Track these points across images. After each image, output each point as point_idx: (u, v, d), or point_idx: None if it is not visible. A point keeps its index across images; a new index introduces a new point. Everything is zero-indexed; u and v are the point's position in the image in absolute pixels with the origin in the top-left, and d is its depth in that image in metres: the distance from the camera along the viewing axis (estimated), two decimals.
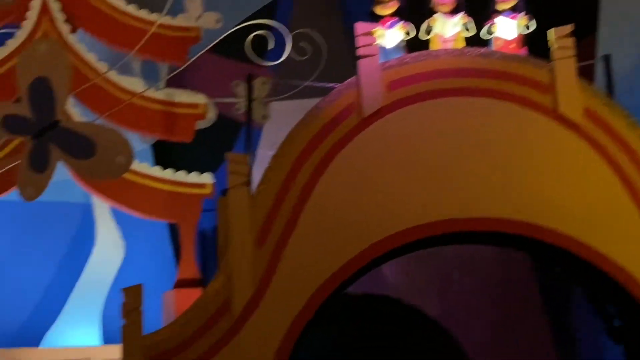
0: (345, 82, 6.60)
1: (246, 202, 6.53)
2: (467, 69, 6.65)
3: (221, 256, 6.46)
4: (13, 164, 6.86)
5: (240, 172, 6.55)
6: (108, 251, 8.67)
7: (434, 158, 6.56)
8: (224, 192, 6.67)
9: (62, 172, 7.56)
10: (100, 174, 6.71)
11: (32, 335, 8.50)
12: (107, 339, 8.43)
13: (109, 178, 7.18)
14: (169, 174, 8.43)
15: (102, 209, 8.78)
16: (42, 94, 6.65)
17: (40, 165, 6.64)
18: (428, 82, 6.63)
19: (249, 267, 6.46)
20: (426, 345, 9.14)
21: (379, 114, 6.54)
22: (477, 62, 6.65)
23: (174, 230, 9.31)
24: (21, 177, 6.63)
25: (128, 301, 6.40)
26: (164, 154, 8.95)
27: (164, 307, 8.06)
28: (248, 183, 6.51)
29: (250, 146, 7.45)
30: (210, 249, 8.76)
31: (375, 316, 9.04)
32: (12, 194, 8.17)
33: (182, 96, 8.48)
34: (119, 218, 8.78)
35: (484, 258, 9.27)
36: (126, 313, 6.36)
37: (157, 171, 8.34)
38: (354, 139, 6.60)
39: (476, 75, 6.67)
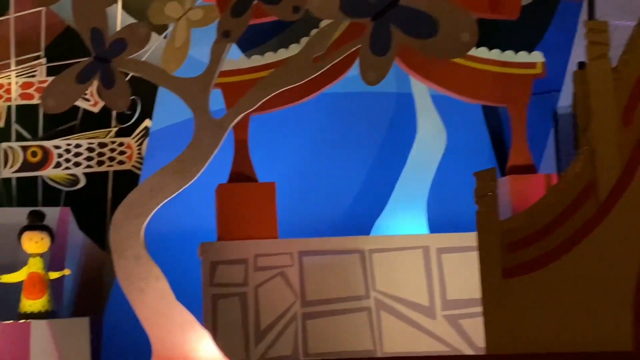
0: None
1: (608, 75, 5.71)
2: None
3: (581, 136, 5.71)
4: (351, 50, 6.30)
5: (601, 42, 5.68)
6: (430, 139, 8.08)
7: None
8: (581, 65, 5.88)
9: None
10: (443, 53, 6.06)
11: (358, 224, 8.14)
12: (432, 227, 7.94)
13: (453, 57, 6.58)
14: (495, 54, 7.67)
15: (423, 97, 8.16)
16: None
17: (382, 48, 6.06)
18: None
19: (614, 147, 5.66)
20: None
21: None
22: None
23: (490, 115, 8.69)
24: (362, 62, 6.07)
25: (481, 186, 5.75)
26: (488, 34, 8.21)
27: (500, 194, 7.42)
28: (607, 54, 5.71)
29: (593, 14, 6.59)
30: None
31: None
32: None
33: None
34: (437, 105, 8.19)
35: None
36: (479, 198, 5.73)
37: (483, 52, 7.62)
38: None
39: None
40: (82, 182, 9.73)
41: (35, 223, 7.94)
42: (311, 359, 7.09)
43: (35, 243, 7.85)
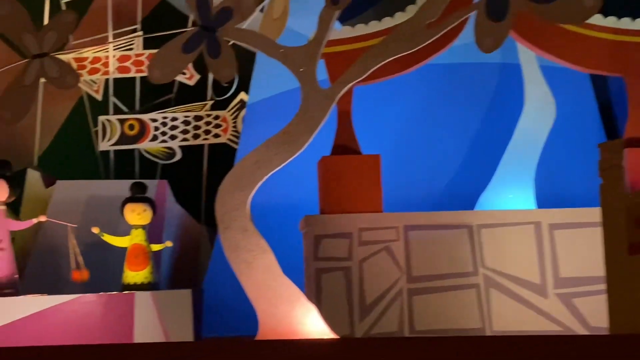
0: None
1: None
2: None
3: None
4: (466, 15, 5.98)
5: None
6: (539, 111, 7.71)
7: None
8: None
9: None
10: (565, 18, 5.72)
11: (461, 199, 7.82)
12: (540, 203, 7.58)
13: (575, 22, 6.23)
14: (611, 21, 7.22)
15: (531, 68, 7.77)
16: None
17: (499, 13, 5.72)
18: None
19: None
20: None
21: None
22: None
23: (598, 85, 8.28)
24: (478, 28, 5.75)
25: (606, 157, 5.44)
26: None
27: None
28: None
29: None
30: None
31: None
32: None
33: None
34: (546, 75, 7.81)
35: None
36: (604, 171, 5.40)
37: (598, 20, 7.17)
38: None
39: None
40: (178, 155, 9.59)
41: (138, 195, 7.82)
42: (417, 335, 6.82)
43: (137, 215, 7.71)
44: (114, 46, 9.73)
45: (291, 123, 6.31)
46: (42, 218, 7.87)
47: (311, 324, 6.17)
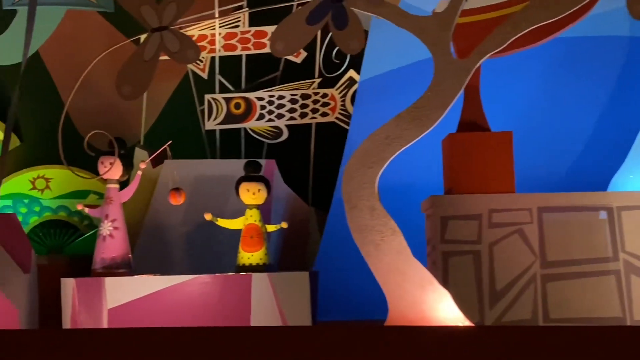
0: None
1: None
2: None
3: None
4: None
5: None
6: None
7: None
8: None
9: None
10: None
11: (592, 179, 7.28)
12: None
13: None
14: None
15: None
16: None
17: None
18: None
19: None
20: None
21: None
22: None
23: None
24: None
25: None
26: None
27: None
28: None
29: None
30: None
31: None
32: None
33: None
34: None
35: None
36: None
37: None
38: None
39: None
40: (285, 135, 9.23)
41: (253, 173, 7.46)
42: (552, 324, 6.33)
43: (252, 194, 7.34)
44: (220, 23, 9.43)
45: (423, 97, 5.84)
46: (143, 165, 7.58)
47: (444, 309, 5.72)
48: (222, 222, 7.46)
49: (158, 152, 7.67)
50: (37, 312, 7.31)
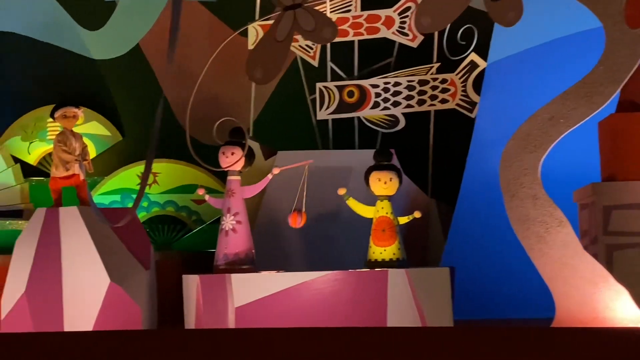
0: None
1: None
2: None
3: None
4: None
5: None
6: None
7: None
8: None
9: None
10: None
11: None
12: None
13: None
14: None
15: None
16: None
17: None
18: None
19: None
20: None
21: None
22: None
23: None
24: None
25: None
26: None
27: None
28: None
29: None
30: None
31: None
32: None
33: None
34: None
35: None
36: None
37: None
38: None
39: None
40: (402, 123, 8.61)
41: (384, 162, 6.85)
42: None
43: (384, 184, 6.72)
44: (332, 8, 8.85)
45: (593, 71, 5.17)
46: (276, 171, 7.02)
47: (622, 309, 5.05)
48: (353, 203, 6.85)
49: (296, 165, 7.07)
50: (156, 311, 6.83)
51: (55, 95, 9.46)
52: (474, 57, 8.39)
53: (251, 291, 6.33)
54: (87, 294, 6.31)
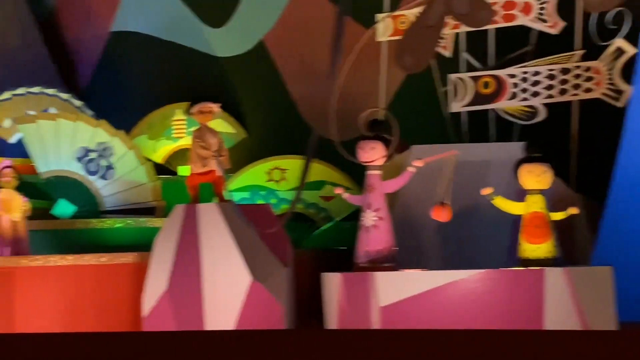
0: None
1: None
2: None
3: None
4: None
5: None
6: None
7: None
8: None
9: None
10: None
11: None
12: None
13: None
14: None
15: None
16: None
17: None
18: None
19: None
20: None
21: None
22: None
23: None
24: None
25: None
26: None
27: None
28: None
29: None
30: None
31: None
32: None
33: None
34: None
35: None
36: None
37: None
38: None
39: None
40: (542, 115, 8.09)
41: (535, 154, 6.37)
42: None
43: (536, 177, 6.23)
44: None
45: None
46: (419, 163, 6.62)
47: None
48: (500, 202, 6.39)
49: (441, 156, 6.65)
50: (295, 309, 6.52)
51: (180, 94, 9.37)
52: (621, 43, 7.83)
53: (397, 290, 5.95)
54: (228, 292, 6.08)
